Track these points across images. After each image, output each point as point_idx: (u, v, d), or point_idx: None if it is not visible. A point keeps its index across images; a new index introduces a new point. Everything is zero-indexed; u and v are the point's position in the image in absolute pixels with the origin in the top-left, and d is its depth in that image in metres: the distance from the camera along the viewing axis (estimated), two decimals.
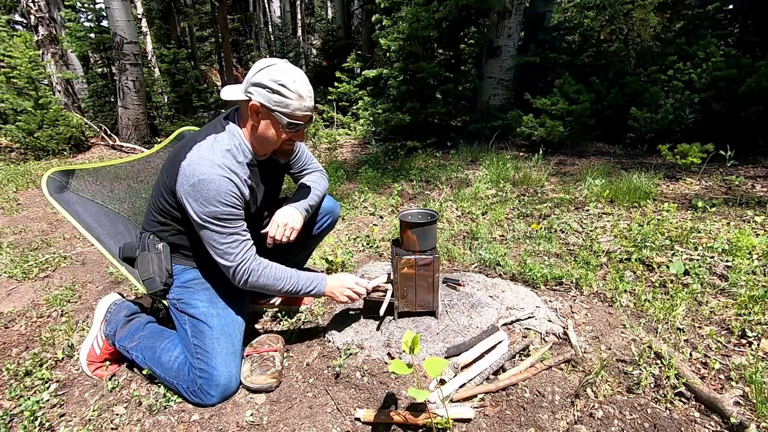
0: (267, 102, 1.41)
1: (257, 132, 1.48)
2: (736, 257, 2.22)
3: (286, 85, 1.38)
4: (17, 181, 4.94)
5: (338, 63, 8.83)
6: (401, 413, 1.34)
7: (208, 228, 1.42)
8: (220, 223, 1.42)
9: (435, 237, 1.76)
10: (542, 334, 1.75)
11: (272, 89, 1.39)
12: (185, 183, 1.39)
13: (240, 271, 1.47)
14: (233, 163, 1.46)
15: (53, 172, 1.65)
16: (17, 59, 6.30)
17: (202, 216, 1.40)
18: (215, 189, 1.38)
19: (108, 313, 1.77)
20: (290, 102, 1.41)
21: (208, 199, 1.38)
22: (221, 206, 1.40)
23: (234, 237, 1.45)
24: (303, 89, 1.42)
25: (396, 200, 3.69)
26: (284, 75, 1.39)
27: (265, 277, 1.50)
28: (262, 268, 1.50)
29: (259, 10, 17.01)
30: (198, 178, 1.37)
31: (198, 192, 1.38)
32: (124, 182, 1.90)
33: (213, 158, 1.41)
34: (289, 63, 1.44)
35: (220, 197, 1.39)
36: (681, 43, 5.15)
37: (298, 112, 1.44)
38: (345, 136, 7.02)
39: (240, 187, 1.45)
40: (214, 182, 1.38)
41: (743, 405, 1.35)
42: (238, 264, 1.46)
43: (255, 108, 1.43)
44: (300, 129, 1.50)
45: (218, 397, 1.47)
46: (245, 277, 1.47)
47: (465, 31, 6.39)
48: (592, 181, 3.67)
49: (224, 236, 1.43)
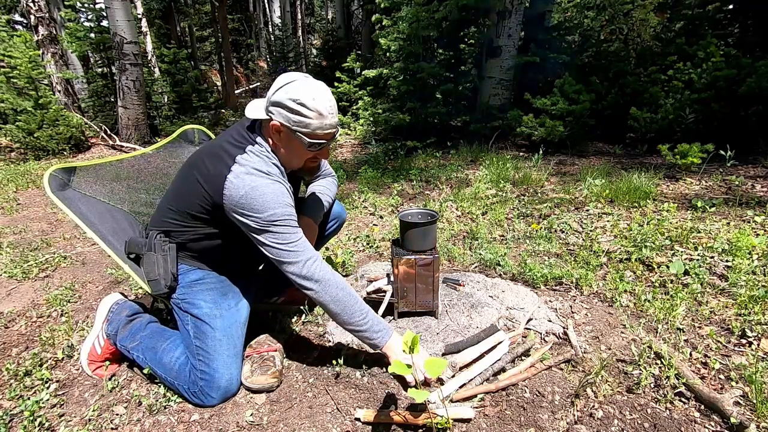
0: (287, 122, 1.37)
1: (280, 151, 1.47)
2: (736, 257, 2.22)
3: (305, 104, 1.34)
4: (17, 181, 4.94)
5: (338, 63, 8.84)
6: (401, 413, 1.34)
7: (269, 231, 1.38)
8: (282, 223, 1.38)
9: (435, 237, 1.76)
10: (542, 334, 1.75)
11: (291, 109, 1.35)
12: (236, 195, 1.36)
13: (310, 266, 1.39)
14: (278, 172, 1.46)
15: (55, 170, 1.65)
16: (17, 59, 6.30)
17: (262, 221, 1.36)
18: (270, 193, 1.36)
19: (110, 313, 1.77)
20: (310, 121, 1.36)
21: (265, 205, 1.35)
22: (280, 208, 1.37)
23: (297, 237, 1.41)
24: (323, 106, 1.36)
25: (396, 200, 3.69)
26: (303, 93, 1.34)
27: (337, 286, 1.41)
28: (338, 280, 1.43)
29: (259, 10, 17.01)
30: (250, 187, 1.35)
31: (252, 200, 1.35)
32: (124, 182, 1.90)
33: (259, 167, 1.40)
34: (309, 78, 1.39)
35: (277, 200, 1.37)
36: (681, 43, 5.15)
37: (319, 131, 1.39)
38: (345, 136, 7.02)
39: (288, 190, 1.45)
40: (267, 187, 1.37)
41: (743, 405, 1.34)
42: (307, 259, 1.39)
43: (276, 128, 1.40)
44: (324, 147, 1.46)
45: (219, 399, 1.47)
46: (317, 271, 1.40)
47: (465, 31, 6.39)
48: (592, 181, 3.67)
49: (287, 236, 1.39)
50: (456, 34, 6.26)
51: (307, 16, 19.93)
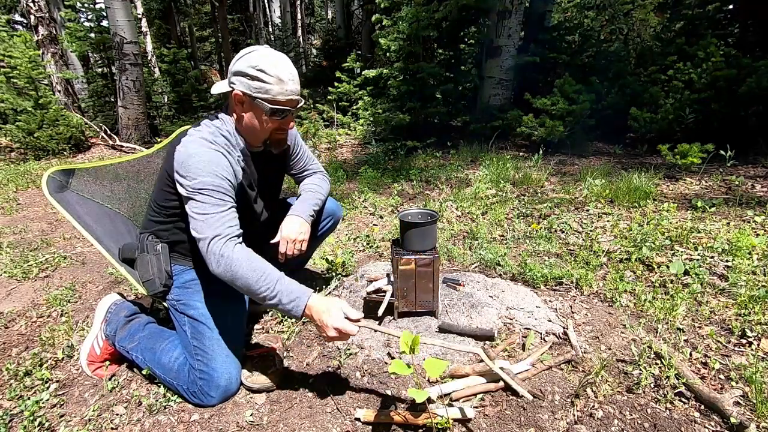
0: (248, 90, 1.38)
1: (244, 122, 1.47)
2: (736, 257, 2.22)
3: (264, 70, 1.35)
4: (17, 181, 4.94)
5: (338, 63, 8.83)
6: (401, 413, 1.34)
7: (193, 198, 1.35)
8: (205, 192, 1.34)
9: (435, 237, 1.75)
10: (542, 334, 1.75)
11: (252, 76, 1.36)
12: (178, 162, 1.39)
13: (215, 245, 1.29)
14: (225, 142, 1.45)
15: (53, 172, 1.65)
16: (17, 59, 6.30)
17: (189, 188, 1.36)
18: (204, 160, 1.36)
19: (108, 314, 1.77)
20: (270, 87, 1.37)
21: (196, 171, 1.35)
22: (210, 176, 1.36)
23: (217, 210, 1.34)
24: (283, 72, 1.38)
25: (396, 200, 3.69)
26: (263, 60, 1.36)
27: (240, 262, 1.28)
28: (245, 255, 1.31)
29: (259, 10, 17.01)
30: (189, 154, 1.37)
31: (187, 167, 1.36)
32: (124, 182, 1.90)
33: (205, 136, 1.42)
34: (270, 48, 1.40)
35: (208, 168, 1.36)
36: (681, 43, 5.15)
37: (280, 96, 1.39)
38: (345, 136, 7.02)
39: (231, 162, 1.43)
40: (202, 155, 1.37)
41: (743, 405, 1.34)
42: (212, 237, 1.30)
43: (238, 97, 1.41)
44: (286, 115, 1.46)
45: (218, 399, 1.46)
46: (221, 252, 1.28)
47: (465, 31, 6.40)
48: (592, 181, 3.67)
49: (208, 206, 1.33)
50: (456, 34, 6.26)
51: (307, 16, 19.92)
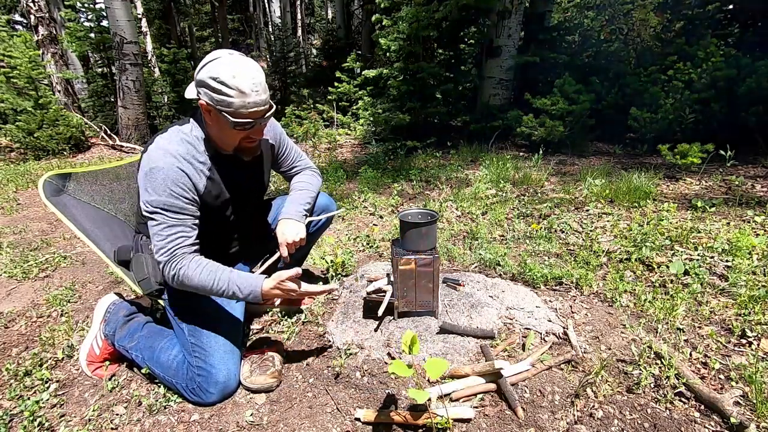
0: (211, 101, 1.33)
1: (213, 130, 1.45)
2: (736, 257, 2.22)
3: (225, 83, 1.29)
4: (17, 181, 4.94)
5: (338, 63, 8.83)
6: (401, 413, 1.34)
7: (152, 218, 1.37)
8: (163, 213, 1.36)
9: (435, 237, 1.76)
10: (542, 334, 1.75)
11: (213, 88, 1.31)
12: (141, 173, 1.38)
13: (167, 268, 1.37)
14: (190, 151, 1.42)
15: (50, 176, 1.66)
16: (17, 59, 6.30)
17: (148, 204, 1.36)
18: (163, 177, 1.35)
19: (107, 313, 1.77)
20: (232, 100, 1.31)
21: (155, 188, 1.35)
22: (166, 197, 1.35)
23: (173, 230, 1.38)
24: (245, 84, 1.30)
25: (396, 200, 3.69)
26: (223, 71, 1.29)
27: (190, 278, 1.37)
28: (194, 268, 1.37)
29: (259, 10, 17.01)
30: (150, 167, 1.36)
31: (149, 180, 1.36)
32: (124, 182, 1.91)
33: (168, 147, 1.39)
34: (235, 54, 1.34)
35: (168, 186, 1.35)
36: (681, 43, 5.15)
37: (243, 110, 1.33)
38: (345, 136, 7.02)
39: (192, 177, 1.41)
40: (163, 170, 1.35)
41: (743, 405, 1.34)
42: (168, 259, 1.37)
43: (204, 107, 1.37)
44: (253, 126, 1.39)
45: (218, 395, 1.46)
46: (172, 273, 1.37)
47: (465, 31, 6.39)
48: (592, 181, 3.67)
49: (164, 228, 1.37)
50: (456, 34, 6.26)
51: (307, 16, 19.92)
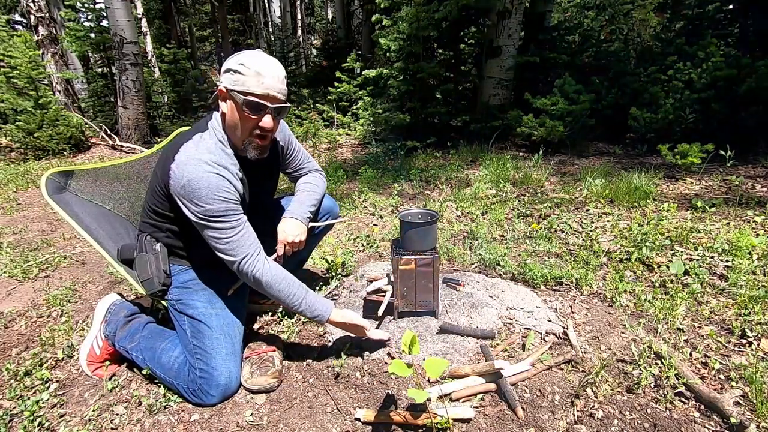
0: (228, 84, 1.38)
1: (227, 118, 1.46)
2: (736, 257, 2.22)
3: (244, 64, 1.35)
4: (17, 181, 4.94)
5: (338, 63, 8.83)
6: (401, 413, 1.34)
7: (208, 226, 1.41)
8: (219, 219, 1.40)
9: (435, 237, 1.76)
10: (542, 334, 1.75)
11: (233, 70, 1.37)
12: (177, 185, 1.39)
13: (245, 265, 1.44)
14: (222, 157, 1.44)
15: (52, 173, 1.65)
16: (17, 59, 6.30)
17: (199, 216, 1.40)
18: (206, 187, 1.37)
19: (108, 314, 1.77)
20: (246, 79, 1.36)
21: (201, 198, 1.37)
22: (216, 203, 1.38)
23: (235, 231, 1.43)
24: (264, 68, 1.36)
25: (396, 200, 3.69)
26: (248, 56, 1.36)
27: (269, 284, 1.46)
28: (270, 265, 1.48)
29: (259, 10, 17.00)
30: (187, 179, 1.36)
31: (190, 192, 1.37)
32: (124, 182, 1.91)
33: (200, 156, 1.40)
34: (261, 51, 1.41)
35: (213, 194, 1.37)
36: (681, 43, 5.15)
37: (255, 88, 1.36)
38: (345, 136, 7.02)
39: (232, 180, 1.44)
40: (203, 180, 1.37)
41: (743, 405, 1.34)
42: (242, 258, 1.43)
43: (222, 94, 1.42)
44: (263, 112, 1.40)
45: (218, 397, 1.46)
46: (251, 270, 1.44)
47: (465, 31, 6.39)
48: (592, 181, 3.67)
49: (224, 231, 1.41)
50: (456, 34, 6.26)
51: (307, 16, 19.92)
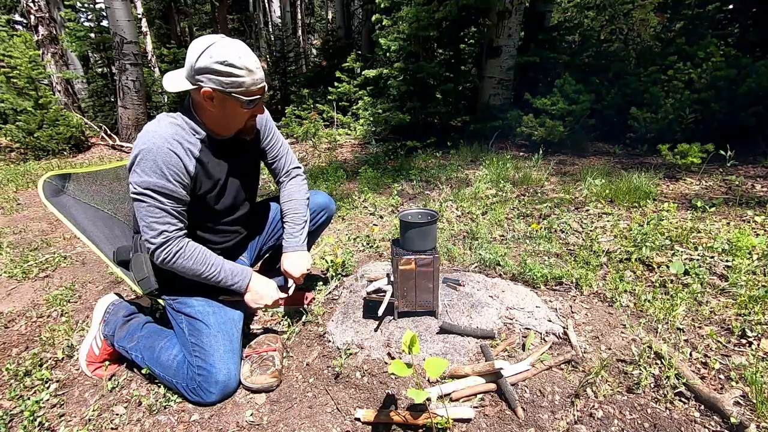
0: (220, 86, 1.36)
1: (216, 117, 1.46)
2: (736, 257, 2.22)
3: (234, 64, 1.33)
4: (17, 181, 4.94)
5: (338, 63, 8.83)
6: (401, 413, 1.34)
7: (140, 200, 1.39)
8: (153, 195, 1.38)
9: (435, 237, 1.75)
10: (542, 334, 1.75)
11: (222, 72, 1.34)
12: (131, 157, 1.39)
13: (159, 249, 1.43)
14: (179, 132, 1.43)
15: (49, 176, 1.66)
16: (17, 59, 6.31)
17: (137, 186, 1.37)
18: (153, 158, 1.35)
19: (106, 314, 1.77)
20: (243, 80, 1.37)
21: (145, 170, 1.36)
22: (157, 178, 1.36)
23: (162, 213, 1.41)
24: (250, 62, 1.37)
25: (396, 200, 3.69)
26: (228, 53, 1.33)
27: (184, 260, 1.46)
28: (186, 251, 1.46)
29: (259, 10, 17.00)
30: (140, 149, 1.36)
31: (138, 163, 1.36)
32: (124, 182, 1.91)
33: (158, 130, 1.40)
34: (225, 37, 1.37)
35: (158, 168, 1.36)
36: (681, 43, 5.14)
37: (253, 87, 1.40)
38: (345, 136, 7.02)
39: (183, 158, 1.41)
40: (153, 151, 1.35)
41: (743, 405, 1.34)
42: (160, 243, 1.42)
43: (208, 94, 1.38)
44: (258, 102, 1.47)
45: (218, 395, 1.46)
46: (163, 256, 1.44)
47: (465, 31, 6.39)
48: (592, 181, 3.67)
49: (153, 209, 1.39)
50: (456, 34, 6.26)
51: (307, 16, 19.92)
